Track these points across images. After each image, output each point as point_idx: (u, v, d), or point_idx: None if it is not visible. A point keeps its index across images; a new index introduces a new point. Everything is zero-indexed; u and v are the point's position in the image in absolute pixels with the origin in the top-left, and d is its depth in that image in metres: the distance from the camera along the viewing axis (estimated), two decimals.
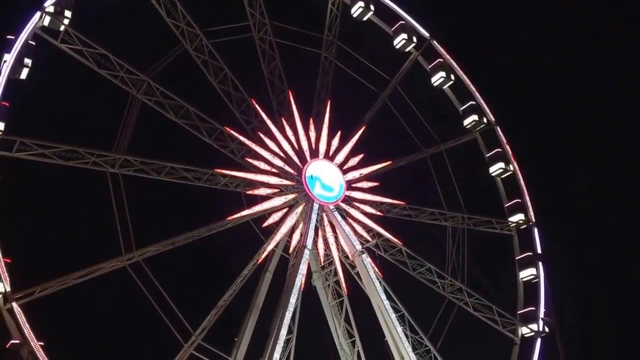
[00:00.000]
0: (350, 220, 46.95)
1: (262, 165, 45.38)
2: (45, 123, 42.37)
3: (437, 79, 54.32)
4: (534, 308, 50.85)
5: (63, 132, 41.54)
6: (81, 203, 43.39)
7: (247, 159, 45.18)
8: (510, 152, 54.31)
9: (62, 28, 42.34)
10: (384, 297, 44.64)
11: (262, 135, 45.89)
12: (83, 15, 42.81)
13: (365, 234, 47.24)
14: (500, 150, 54.19)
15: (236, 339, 44.13)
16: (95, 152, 41.18)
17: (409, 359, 43.67)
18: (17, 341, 36.56)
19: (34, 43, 41.41)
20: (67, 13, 42.59)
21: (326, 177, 46.45)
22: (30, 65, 40.98)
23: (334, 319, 46.84)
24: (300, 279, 43.35)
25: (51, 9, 42.19)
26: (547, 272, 51.62)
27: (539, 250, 52.59)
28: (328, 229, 46.41)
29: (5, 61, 40.34)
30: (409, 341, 46.42)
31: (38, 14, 41.61)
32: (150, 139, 44.18)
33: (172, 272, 43.67)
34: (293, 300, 42.48)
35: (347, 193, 47.17)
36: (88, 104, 45.25)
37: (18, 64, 40.58)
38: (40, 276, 38.27)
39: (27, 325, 36.66)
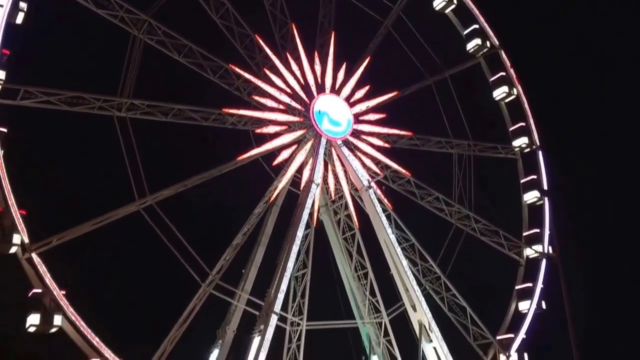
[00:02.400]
0: (359, 154, 47.02)
1: (269, 103, 44.96)
2: (47, 70, 41.29)
3: (439, 2, 53.37)
4: (538, 230, 51.94)
5: (66, 79, 40.68)
6: (91, 151, 43.06)
7: (253, 96, 44.64)
8: (514, 76, 54.10)
9: None
10: (389, 231, 45.30)
11: (267, 72, 45.18)
12: None
13: (373, 167, 47.42)
14: (504, 74, 53.89)
15: (243, 271, 44.93)
16: (101, 97, 40.55)
17: (413, 292, 44.67)
18: (39, 290, 37.08)
19: None
20: None
21: (334, 112, 46.17)
22: (25, 9, 39.64)
23: (343, 252, 47.56)
24: (307, 213, 43.69)
25: None
26: (551, 195, 52.39)
27: (544, 174, 53.22)
28: (337, 163, 46.49)
29: (1, 6, 38.90)
30: (418, 269, 47.73)
31: None
32: (155, 81, 43.31)
33: (186, 215, 43.86)
34: (300, 233, 42.95)
35: (355, 126, 47.00)
36: (89, 49, 44.20)
37: (14, 9, 39.23)
38: (56, 226, 38.30)
39: (48, 275, 37.08)
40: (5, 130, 37.29)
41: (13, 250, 36.99)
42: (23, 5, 39.62)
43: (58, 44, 43.14)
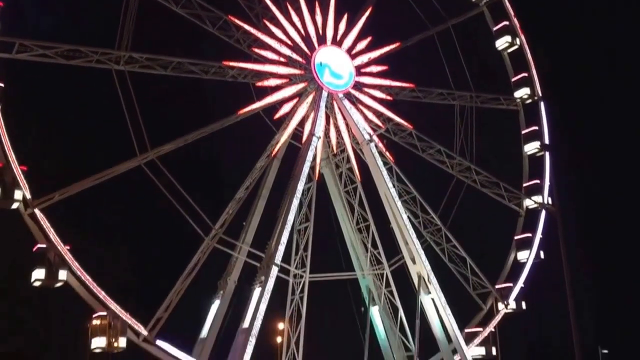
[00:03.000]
0: (361, 107, 46.61)
1: (269, 55, 44.27)
2: (42, 23, 40.47)
3: None
4: (538, 181, 52.07)
5: (63, 31, 40.13)
6: (91, 105, 42.52)
7: (253, 49, 43.93)
8: (517, 25, 53.29)
9: None
10: (390, 184, 45.29)
11: (267, 23, 44.37)
12: None
13: (375, 120, 47.10)
14: (507, 23, 53.21)
15: (244, 223, 45.02)
16: (98, 50, 39.86)
17: (413, 244, 44.93)
18: (43, 245, 37.24)
19: None
20: None
21: (335, 64, 45.58)
22: None
23: (344, 206, 47.64)
24: (308, 166, 43.57)
25: None
26: (552, 148, 52.29)
27: (545, 125, 53.02)
28: (339, 116, 46.11)
29: None
30: (420, 221, 47.99)
31: None
32: (153, 34, 42.41)
33: (188, 170, 43.68)
34: (301, 186, 42.95)
35: (357, 79, 46.44)
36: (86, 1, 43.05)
37: None
38: (58, 182, 38.15)
39: (52, 230, 37.17)
40: (2, 85, 36.85)
41: (15, 206, 37.04)
42: None
43: None
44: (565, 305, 32.18)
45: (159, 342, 39.08)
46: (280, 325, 50.11)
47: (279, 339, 51.11)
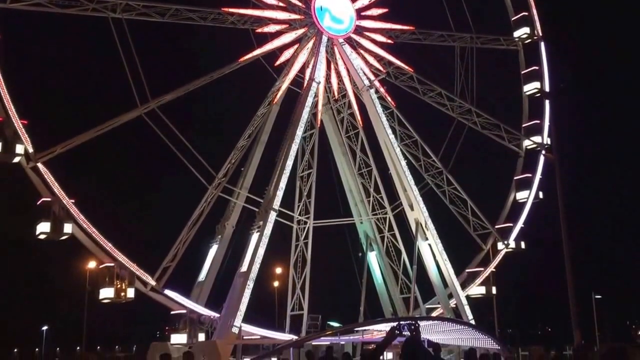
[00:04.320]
0: (362, 51, 46.02)
1: (268, 0, 43.31)
2: None
3: None
4: (538, 121, 52.04)
5: None
6: (90, 56, 41.72)
7: None
8: None
9: None
10: (389, 131, 45.14)
11: None
12: None
13: (376, 64, 46.60)
14: None
15: (242, 169, 45.01)
16: None
17: (411, 191, 45.10)
18: (48, 199, 37.26)
19: None
20: None
21: (335, 8, 44.71)
22: None
23: (343, 152, 47.57)
24: (307, 112, 43.28)
25: None
26: (552, 95, 51.98)
27: (545, 64, 52.63)
28: (340, 62, 45.54)
29: None
30: (421, 165, 48.14)
31: None
32: None
33: (189, 118, 43.37)
34: (300, 132, 42.74)
35: (357, 22, 45.67)
36: None
37: None
38: (60, 135, 37.95)
39: (56, 183, 37.11)
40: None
41: (16, 160, 36.94)
42: None
43: None
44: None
45: (167, 291, 39.72)
46: (278, 270, 51.02)
47: (276, 284, 52.09)
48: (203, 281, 43.42)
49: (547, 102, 51.46)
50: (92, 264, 41.60)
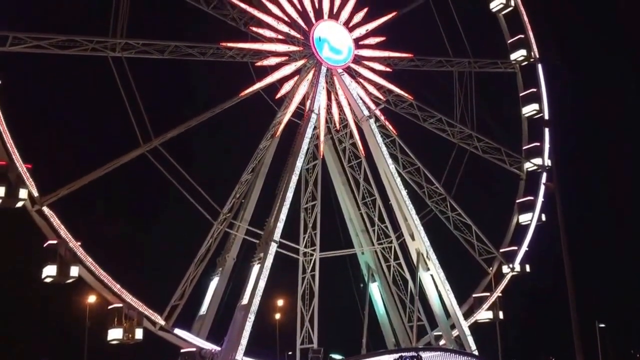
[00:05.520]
0: (361, 80, 46.15)
1: (267, 33, 43.43)
2: (34, 14, 39.15)
3: None
4: (538, 143, 52.24)
5: (55, 21, 38.74)
6: (91, 96, 41.60)
7: (251, 27, 43.05)
8: None
9: None
10: (389, 161, 45.10)
11: (263, 1, 43.36)
12: None
13: (376, 92, 46.71)
14: None
15: (243, 201, 44.80)
16: (93, 38, 38.83)
17: (412, 220, 44.87)
18: (54, 241, 36.91)
19: None
20: None
21: (334, 39, 44.91)
22: None
23: (344, 182, 47.50)
24: (307, 142, 43.19)
25: None
26: (550, 107, 52.36)
27: (543, 85, 52.97)
28: (340, 92, 45.60)
29: None
30: (424, 192, 48.15)
31: None
32: (148, 18, 41.37)
33: (191, 153, 43.27)
34: (300, 163, 42.62)
35: (356, 52, 45.81)
36: None
37: None
38: (64, 177, 37.68)
39: (63, 227, 36.81)
40: (0, 82, 35.88)
41: (19, 204, 36.53)
42: None
43: None
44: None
45: (177, 331, 39.34)
46: (280, 302, 50.63)
47: (277, 316, 51.71)
48: (204, 314, 43.00)
49: (547, 135, 51.78)
50: (92, 298, 40.95)
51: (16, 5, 37.80)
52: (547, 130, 51.68)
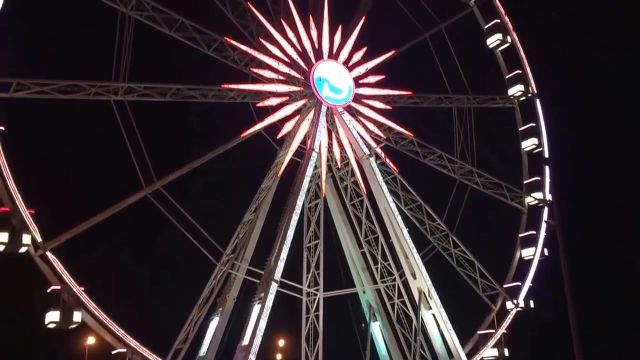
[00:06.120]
0: (361, 119, 46.47)
1: (267, 74, 43.83)
2: (36, 59, 39.59)
3: None
4: (539, 178, 52.42)
5: (58, 66, 39.14)
6: (93, 139, 41.84)
7: (251, 68, 43.49)
8: (509, 23, 53.24)
9: None
10: (390, 199, 45.08)
11: (263, 42, 43.86)
12: None
13: (376, 130, 47.01)
14: (498, 21, 53.08)
15: (243, 239, 44.64)
16: (96, 83, 39.18)
17: (413, 259, 44.75)
18: (58, 287, 36.73)
19: None
20: None
21: (334, 79, 45.28)
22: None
23: (344, 220, 47.46)
24: (307, 181, 43.22)
25: None
26: (549, 140, 52.72)
27: (542, 120, 53.38)
28: (341, 130, 45.86)
29: None
30: (426, 228, 48.16)
31: None
32: (150, 61, 41.81)
33: (193, 193, 43.36)
34: (300, 202, 42.50)
35: (356, 91, 46.21)
36: (78, 33, 42.17)
37: None
38: (66, 222, 37.64)
39: (66, 272, 36.69)
40: (3, 128, 36.06)
41: (23, 250, 36.45)
42: None
43: (44, 32, 41.17)
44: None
45: None
46: (281, 342, 50.22)
47: (278, 357, 51.21)
48: (204, 356, 42.52)
49: (547, 174, 51.92)
50: (91, 340, 40.53)
51: (20, 52, 38.21)
52: (547, 170, 51.96)
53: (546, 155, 51.91)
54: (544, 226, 51.08)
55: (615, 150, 61.81)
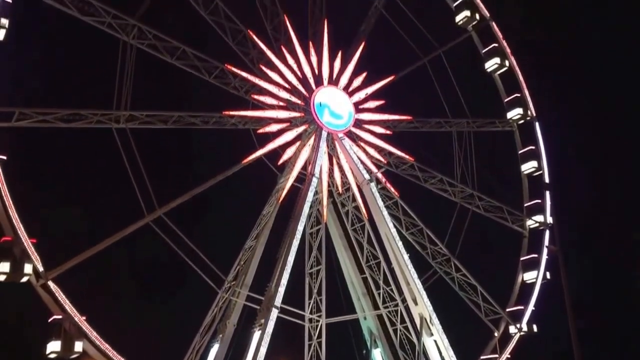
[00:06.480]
0: (362, 144, 46.60)
1: (268, 100, 44.03)
2: (39, 87, 39.75)
3: None
4: (539, 200, 52.45)
5: (60, 94, 39.33)
6: (94, 165, 41.86)
7: (252, 95, 43.73)
8: (506, 47, 53.59)
9: None
10: (390, 225, 44.99)
11: (264, 68, 44.11)
12: None
13: (377, 155, 47.11)
14: (496, 45, 53.39)
15: (243, 264, 44.48)
16: (98, 112, 39.30)
17: (414, 285, 44.47)
18: (59, 316, 36.48)
19: (9, 1, 37.76)
20: None
21: (334, 104, 45.47)
22: (7, 25, 37.55)
23: (347, 245, 47.39)
24: (308, 207, 43.18)
25: None
26: (549, 163, 52.90)
27: (541, 143, 53.56)
28: (342, 156, 45.96)
29: None
30: (428, 253, 48.08)
31: None
32: (151, 88, 41.99)
33: (194, 219, 43.26)
34: (301, 227, 42.40)
35: (356, 116, 46.39)
36: (80, 61, 42.39)
37: None
38: (68, 251, 37.51)
39: (68, 302, 36.46)
40: (4, 157, 36.06)
41: (24, 279, 36.23)
42: (4, 21, 37.57)
43: (46, 60, 41.41)
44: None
45: None
46: None
47: None
48: None
49: (548, 200, 51.95)
50: None
51: (21, 81, 38.39)
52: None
53: (546, 178, 51.99)
54: (545, 249, 51.02)
55: (615, 171, 62.00)
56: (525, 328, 49.33)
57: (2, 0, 37.36)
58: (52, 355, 36.47)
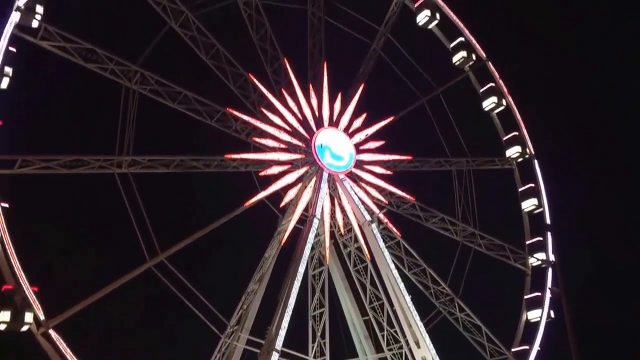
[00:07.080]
0: (363, 184, 46.67)
1: (269, 143, 44.22)
2: (42, 132, 39.88)
3: (422, 18, 52.78)
4: (541, 238, 52.39)
5: (62, 139, 39.46)
6: (95, 211, 41.78)
7: (254, 137, 43.96)
8: (503, 87, 54.12)
9: (36, 24, 39.10)
10: (392, 266, 44.79)
11: (265, 111, 44.40)
12: (59, 10, 39.42)
13: (378, 195, 47.13)
14: (493, 84, 53.95)
15: (244, 308, 44.00)
16: (100, 157, 39.39)
17: (417, 327, 44.15)
18: None
19: (14, 50, 38.15)
20: (39, 8, 39.31)
21: (335, 146, 45.65)
22: (11, 74, 37.89)
23: (349, 286, 47.10)
24: (309, 248, 43.06)
25: (23, 6, 38.78)
26: (550, 201, 52.99)
27: (541, 181, 53.72)
28: (343, 197, 45.99)
29: None
30: (431, 293, 47.79)
31: (16, 14, 38.11)
32: (153, 132, 42.22)
33: (195, 263, 43.06)
34: (302, 269, 42.15)
35: (357, 157, 46.56)
36: (83, 108, 42.71)
37: None
38: (69, 298, 37.21)
39: (69, 351, 35.99)
40: (7, 205, 35.97)
41: (25, 328, 35.81)
42: (8, 70, 37.92)
43: (49, 107, 41.65)
44: None
45: None
46: None
47: None
48: None
49: (549, 240, 51.95)
50: None
51: (24, 128, 38.56)
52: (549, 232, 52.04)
53: (547, 215, 52.05)
54: (548, 288, 50.78)
55: (616, 207, 62.15)
56: None
57: (6, 50, 37.87)
58: None
